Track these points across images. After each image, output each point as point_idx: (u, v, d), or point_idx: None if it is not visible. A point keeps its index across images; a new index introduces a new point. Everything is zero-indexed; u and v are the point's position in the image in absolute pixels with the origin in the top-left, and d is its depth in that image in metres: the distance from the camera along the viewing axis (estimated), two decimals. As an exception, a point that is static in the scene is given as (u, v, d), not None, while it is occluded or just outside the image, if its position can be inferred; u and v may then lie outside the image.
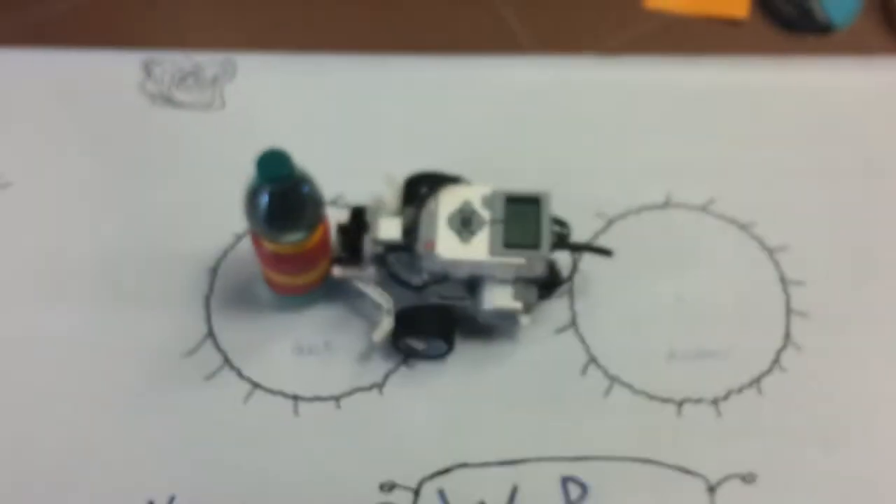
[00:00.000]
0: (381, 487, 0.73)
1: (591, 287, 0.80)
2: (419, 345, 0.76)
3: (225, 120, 0.86)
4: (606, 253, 0.78)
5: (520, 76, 0.89)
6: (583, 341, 0.78)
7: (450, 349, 0.76)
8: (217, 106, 0.87)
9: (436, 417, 0.76)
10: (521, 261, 0.72)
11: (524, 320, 0.75)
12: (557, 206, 0.74)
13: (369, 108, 0.87)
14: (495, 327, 0.78)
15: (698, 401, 0.76)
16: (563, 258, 0.79)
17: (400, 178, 0.79)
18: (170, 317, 0.78)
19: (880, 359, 0.78)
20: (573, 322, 0.79)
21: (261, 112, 0.87)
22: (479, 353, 0.78)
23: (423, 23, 0.93)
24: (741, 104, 0.88)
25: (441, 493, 0.73)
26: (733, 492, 0.73)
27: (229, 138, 0.85)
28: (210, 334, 0.78)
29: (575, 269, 0.80)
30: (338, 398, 0.76)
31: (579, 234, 0.79)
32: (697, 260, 0.81)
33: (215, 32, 0.92)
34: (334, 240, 0.76)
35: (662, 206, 0.84)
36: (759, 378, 0.77)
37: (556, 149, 0.86)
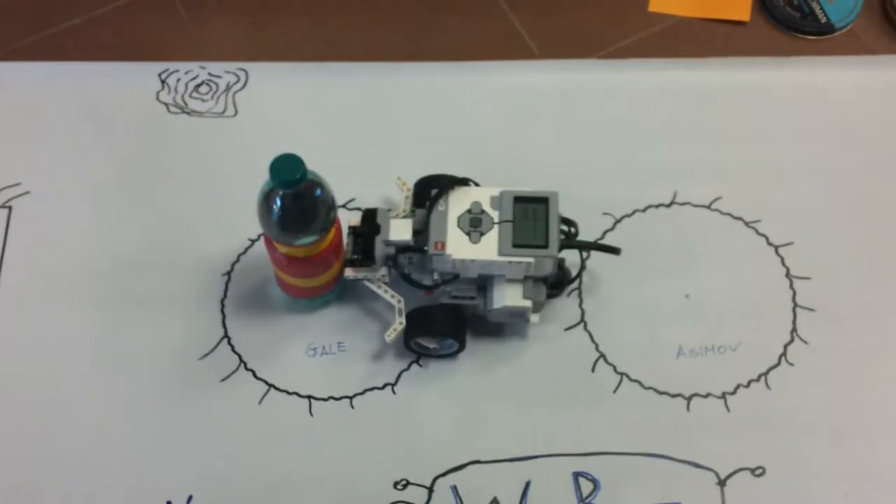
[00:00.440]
0: (396, 485, 0.74)
1: (599, 285, 0.81)
2: (431, 344, 0.77)
3: (238, 127, 0.88)
4: (614, 251, 0.78)
5: (527, 80, 0.90)
6: (592, 339, 0.79)
7: (461, 348, 0.77)
8: (230, 114, 0.88)
9: (448, 415, 0.76)
10: (529, 260, 0.73)
11: (534, 319, 0.76)
12: (565, 206, 0.75)
13: (379, 114, 0.89)
14: (505, 326, 0.79)
15: (707, 396, 0.77)
16: (571, 257, 0.80)
17: (410, 182, 0.80)
18: (186, 320, 0.79)
19: (887, 352, 0.79)
20: (582, 320, 0.80)
21: (273, 119, 0.88)
22: (490, 351, 0.78)
23: (431, 32, 0.94)
24: (745, 104, 0.89)
25: (454, 490, 0.74)
26: (743, 485, 0.74)
27: (242, 145, 0.87)
28: (225, 337, 0.79)
29: (583, 267, 0.80)
30: (351, 398, 0.77)
31: (587, 233, 0.80)
32: (704, 257, 0.82)
33: (228, 44, 0.93)
34: (346, 242, 0.77)
35: (669, 205, 0.85)
36: (767, 372, 0.78)
37: (563, 150, 0.87)
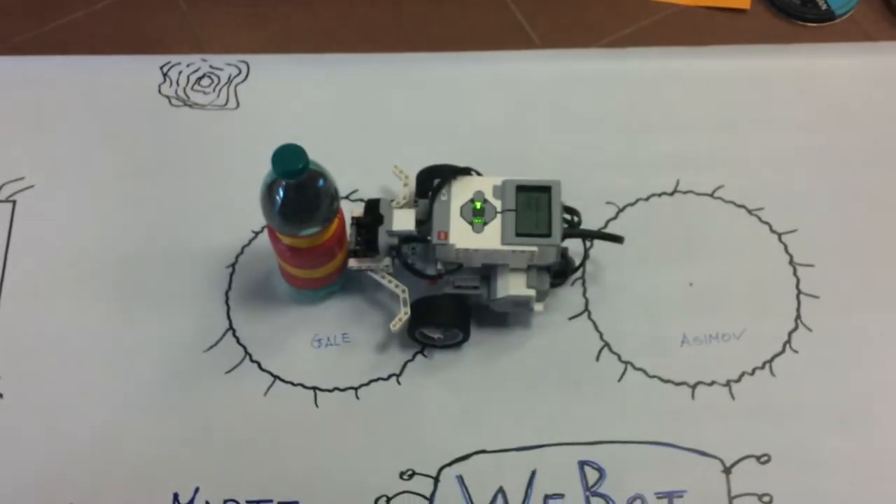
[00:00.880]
0: (402, 475, 0.74)
1: (603, 274, 0.81)
2: (435, 334, 0.77)
3: (240, 119, 0.88)
4: (618, 240, 0.78)
5: (528, 70, 0.90)
6: (596, 327, 0.79)
7: (465, 338, 0.77)
8: (232, 106, 0.88)
9: (453, 405, 0.77)
10: (533, 249, 0.73)
11: (538, 308, 0.76)
12: (568, 196, 0.75)
13: (381, 104, 0.89)
14: (509, 315, 0.79)
15: (711, 383, 0.77)
16: (574, 246, 0.80)
17: (411, 171, 0.80)
18: (190, 312, 0.79)
19: (891, 338, 0.79)
20: (586, 308, 0.80)
21: (274, 111, 0.88)
22: (495, 340, 0.79)
23: (432, 23, 0.94)
24: (747, 92, 0.89)
25: (460, 480, 0.74)
26: (748, 472, 0.74)
27: (244, 137, 0.87)
28: (230, 329, 0.79)
29: (587, 256, 0.80)
30: (357, 389, 0.77)
31: (590, 222, 0.80)
32: (707, 245, 0.82)
33: (230, 37, 0.93)
34: (350, 233, 0.77)
35: (672, 193, 0.85)
36: (772, 360, 0.78)
37: (565, 140, 0.87)
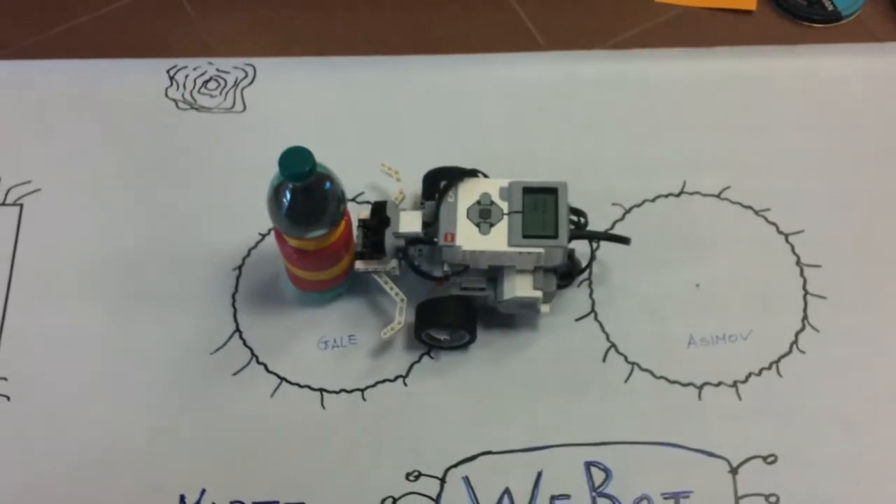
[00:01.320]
0: (408, 477, 0.74)
1: (609, 275, 0.81)
2: (442, 336, 0.77)
3: (246, 122, 0.88)
4: (624, 241, 0.78)
5: (534, 72, 0.90)
6: (603, 328, 0.79)
7: (472, 339, 0.77)
8: (238, 109, 0.89)
9: (460, 406, 0.77)
10: (539, 250, 0.73)
11: (544, 309, 0.76)
12: (574, 197, 0.75)
13: (386, 107, 0.89)
14: (516, 317, 0.79)
15: (718, 384, 0.77)
16: (581, 247, 0.80)
17: (418, 174, 0.80)
18: (197, 315, 0.80)
19: (898, 338, 0.79)
20: (593, 310, 0.80)
21: (281, 114, 0.88)
22: (501, 342, 0.79)
23: (437, 26, 0.94)
24: (753, 93, 0.89)
25: (467, 481, 0.74)
26: (755, 473, 0.74)
27: (251, 140, 0.87)
28: (237, 331, 0.79)
29: (593, 257, 0.80)
30: (363, 390, 0.77)
31: (596, 223, 0.80)
32: (714, 246, 0.82)
33: (236, 40, 0.93)
34: (356, 235, 0.77)
35: (678, 195, 0.85)
36: (779, 360, 0.78)
37: (571, 141, 0.87)
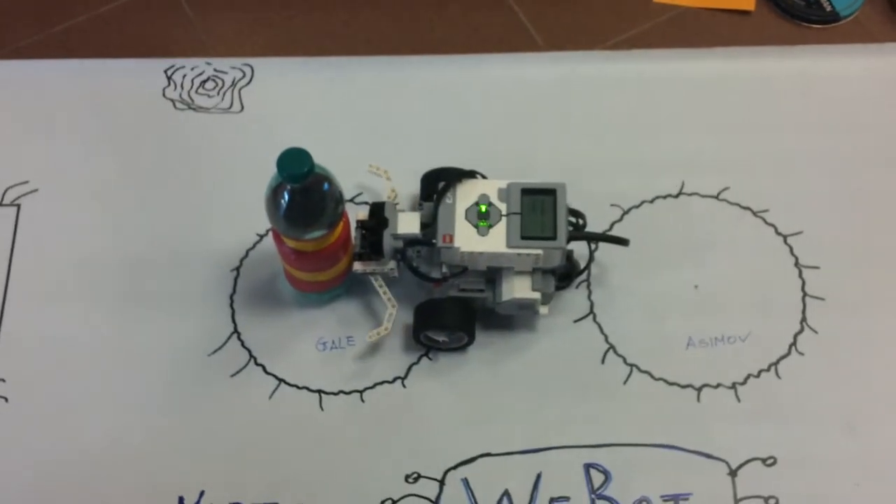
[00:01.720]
0: (407, 478, 0.74)
1: (608, 276, 0.81)
2: (440, 337, 0.77)
3: (244, 122, 0.88)
4: (623, 242, 0.78)
5: (533, 72, 0.90)
6: (601, 330, 0.79)
7: (471, 341, 0.77)
8: (236, 109, 0.88)
9: (458, 408, 0.76)
10: (538, 252, 0.73)
11: (543, 311, 0.76)
12: (573, 198, 0.75)
13: (385, 108, 0.89)
14: (515, 318, 0.79)
15: (717, 386, 0.77)
16: (579, 248, 0.79)
17: (415, 174, 0.80)
18: (195, 316, 0.79)
19: (897, 340, 0.79)
20: (591, 311, 0.80)
21: (279, 114, 0.88)
22: (500, 343, 0.78)
23: (436, 26, 0.94)
24: (751, 93, 0.89)
25: (466, 483, 0.74)
26: (754, 475, 0.74)
27: (249, 140, 0.87)
28: (235, 332, 0.79)
29: (592, 259, 0.80)
30: (362, 392, 0.77)
31: (595, 224, 0.80)
32: (713, 247, 0.82)
33: (234, 40, 0.93)
34: (354, 236, 0.77)
35: (677, 196, 0.84)
36: (777, 362, 0.78)
37: (569, 142, 0.87)
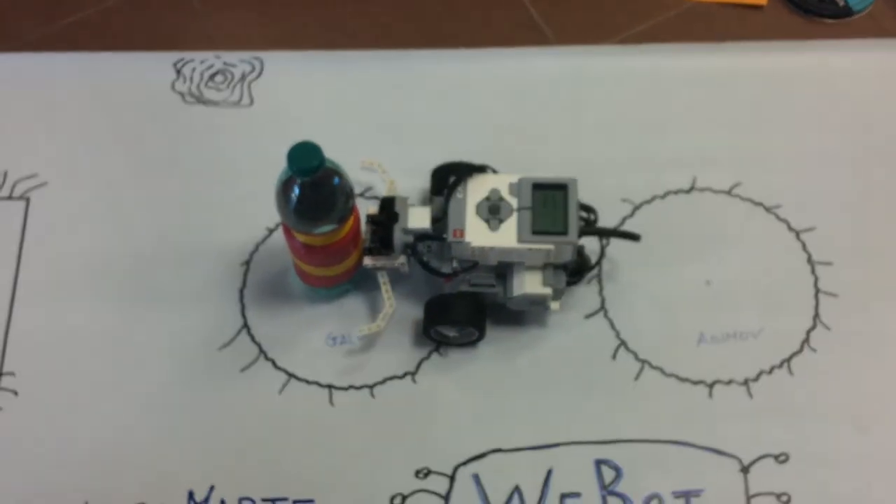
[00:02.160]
0: (417, 474, 0.74)
1: (619, 272, 0.81)
2: (451, 332, 0.76)
3: (253, 116, 0.87)
4: (634, 238, 0.78)
5: (543, 67, 0.90)
6: (612, 326, 0.79)
7: (481, 336, 0.77)
8: (245, 103, 0.88)
9: (469, 404, 0.76)
10: (549, 247, 0.72)
11: (554, 306, 0.76)
12: (583, 193, 0.75)
13: (395, 102, 0.88)
14: (525, 314, 0.79)
15: (729, 382, 0.77)
16: (590, 244, 0.79)
17: (426, 169, 0.80)
18: (205, 310, 0.79)
19: (911, 337, 0.78)
20: (602, 307, 0.79)
21: (288, 108, 0.88)
22: (510, 339, 0.78)
23: (446, 20, 0.94)
24: (763, 88, 0.88)
25: (476, 478, 0.74)
26: (766, 471, 0.73)
27: (258, 134, 0.86)
28: (245, 327, 0.79)
29: (603, 254, 0.80)
30: (372, 387, 0.77)
31: (606, 219, 0.80)
32: (724, 243, 0.82)
33: (242, 34, 0.93)
34: (364, 231, 0.77)
35: (688, 191, 0.84)
36: (790, 358, 0.77)
37: (580, 137, 0.86)
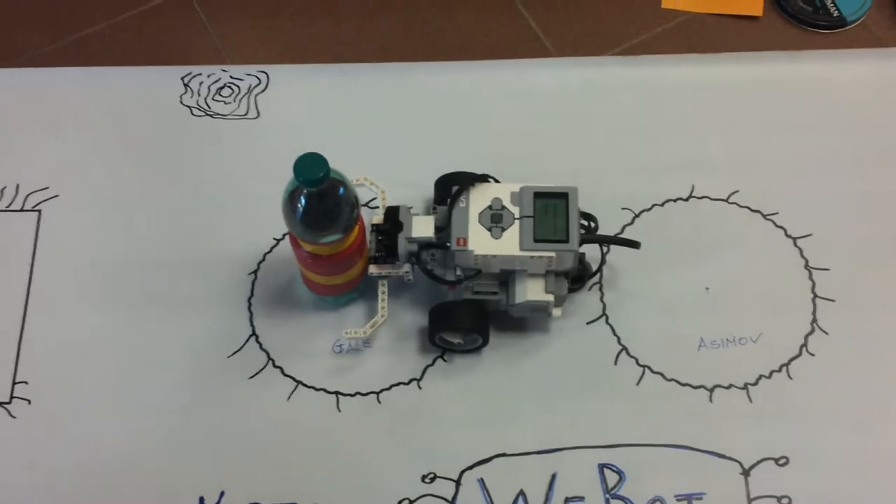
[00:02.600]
0: (423, 479, 0.75)
1: (619, 279, 0.82)
2: (455, 339, 0.77)
3: (260, 128, 0.89)
4: (634, 245, 0.79)
5: (544, 78, 0.91)
6: (614, 332, 0.80)
7: (485, 342, 0.78)
8: (252, 115, 0.90)
9: (474, 409, 0.77)
10: (550, 254, 0.73)
11: (556, 313, 0.77)
12: (584, 202, 0.76)
13: (398, 113, 0.90)
14: (528, 320, 0.80)
15: (729, 387, 0.78)
16: (591, 251, 0.80)
17: (429, 179, 0.81)
18: (214, 319, 0.81)
19: (907, 340, 0.79)
20: (604, 313, 0.81)
21: (294, 120, 0.89)
22: (514, 345, 0.79)
23: (448, 33, 0.95)
24: (759, 98, 0.90)
25: (482, 483, 0.75)
26: (767, 474, 0.74)
27: (265, 146, 0.88)
28: (253, 335, 0.80)
29: (604, 261, 0.81)
30: (378, 393, 0.78)
31: (607, 227, 0.81)
32: (723, 250, 0.83)
33: (249, 48, 0.94)
34: (370, 240, 0.78)
35: (687, 199, 0.85)
36: (789, 363, 0.78)
37: (581, 147, 0.88)
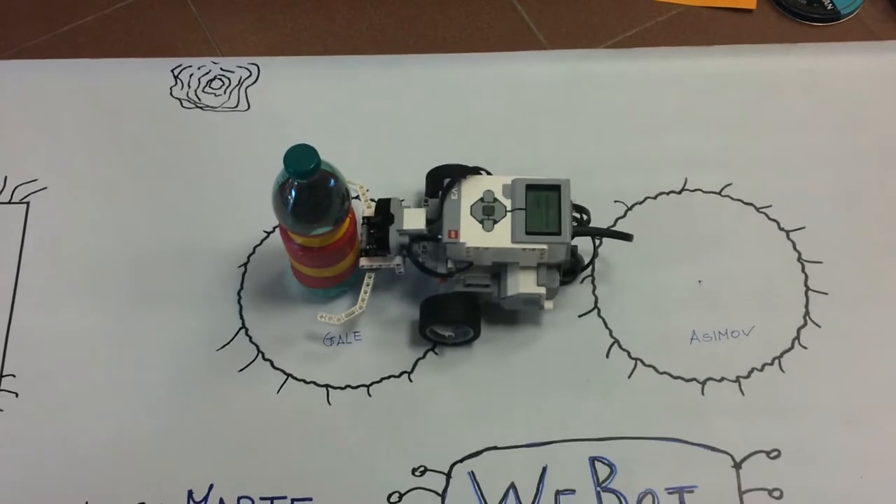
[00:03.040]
0: (414, 472, 0.75)
1: (612, 272, 0.82)
2: (446, 332, 0.77)
3: (250, 121, 0.89)
4: (627, 237, 0.79)
5: (536, 70, 0.91)
6: (605, 325, 0.80)
7: (476, 335, 0.78)
8: (242, 108, 0.89)
9: (464, 402, 0.77)
10: (543, 247, 0.73)
11: (548, 305, 0.77)
12: (577, 195, 0.76)
13: (389, 106, 0.89)
14: (520, 313, 0.80)
15: (721, 380, 0.77)
16: (584, 244, 0.80)
17: (421, 171, 0.81)
18: (203, 312, 0.80)
19: (899, 333, 0.79)
20: (596, 306, 0.80)
21: (285, 112, 0.89)
22: (505, 338, 0.79)
23: (439, 25, 0.95)
24: (753, 91, 0.90)
25: (472, 476, 0.74)
26: (759, 467, 0.74)
27: (255, 138, 0.87)
28: (243, 328, 0.80)
29: (596, 254, 0.81)
30: (368, 386, 0.78)
31: (599, 220, 0.81)
32: (716, 243, 0.83)
33: (239, 40, 0.94)
34: (361, 232, 0.78)
35: (680, 192, 0.85)
36: (781, 356, 0.78)
37: (573, 140, 0.87)
